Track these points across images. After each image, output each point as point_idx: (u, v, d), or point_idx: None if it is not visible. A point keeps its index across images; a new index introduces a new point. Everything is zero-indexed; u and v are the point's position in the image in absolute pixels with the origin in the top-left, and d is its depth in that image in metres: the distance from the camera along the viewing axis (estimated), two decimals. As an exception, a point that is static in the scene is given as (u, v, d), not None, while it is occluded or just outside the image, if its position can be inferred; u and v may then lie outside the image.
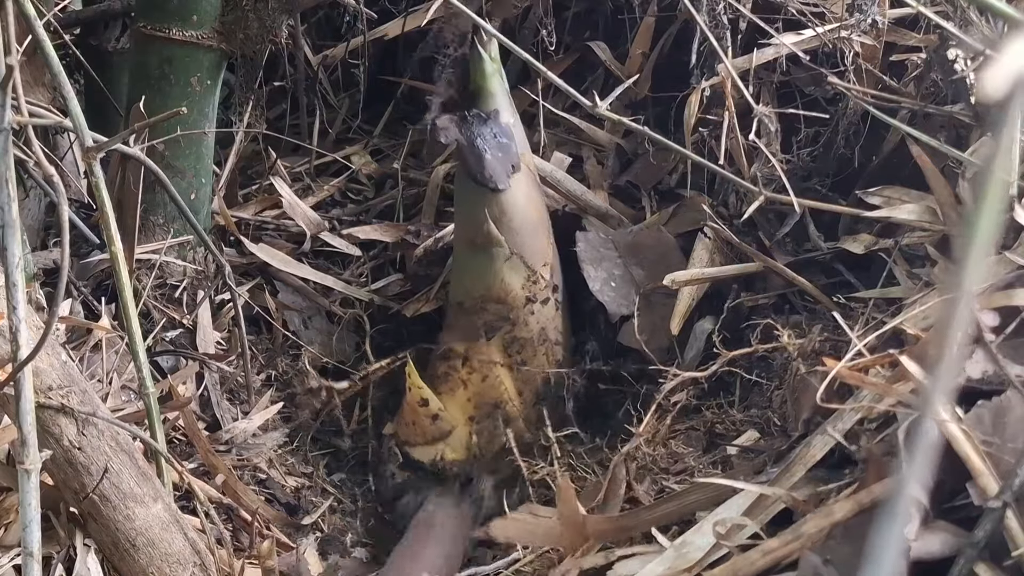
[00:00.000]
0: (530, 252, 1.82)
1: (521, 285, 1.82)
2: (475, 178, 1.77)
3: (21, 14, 1.21)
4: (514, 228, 1.80)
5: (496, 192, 1.76)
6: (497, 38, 1.73)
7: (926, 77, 1.78)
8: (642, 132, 1.81)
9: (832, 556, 1.16)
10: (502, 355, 1.84)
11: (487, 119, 1.77)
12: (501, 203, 1.78)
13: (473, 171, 1.76)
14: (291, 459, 1.87)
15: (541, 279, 1.83)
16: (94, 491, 1.29)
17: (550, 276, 1.86)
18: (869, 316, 1.59)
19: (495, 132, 1.76)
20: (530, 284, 1.83)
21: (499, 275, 1.81)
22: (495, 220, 1.78)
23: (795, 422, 1.48)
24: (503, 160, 1.76)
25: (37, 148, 1.19)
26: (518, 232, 1.80)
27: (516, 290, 1.82)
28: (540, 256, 1.84)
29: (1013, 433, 1.15)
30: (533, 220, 1.84)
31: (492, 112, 1.78)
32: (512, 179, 1.77)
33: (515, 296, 1.82)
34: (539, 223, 1.86)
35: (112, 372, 1.69)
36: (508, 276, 1.82)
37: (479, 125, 1.76)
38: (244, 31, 1.84)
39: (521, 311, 1.83)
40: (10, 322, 1.14)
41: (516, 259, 1.81)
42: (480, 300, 1.84)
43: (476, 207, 1.79)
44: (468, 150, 1.76)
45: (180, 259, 1.93)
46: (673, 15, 2.19)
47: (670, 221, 2.06)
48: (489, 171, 1.75)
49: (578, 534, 1.42)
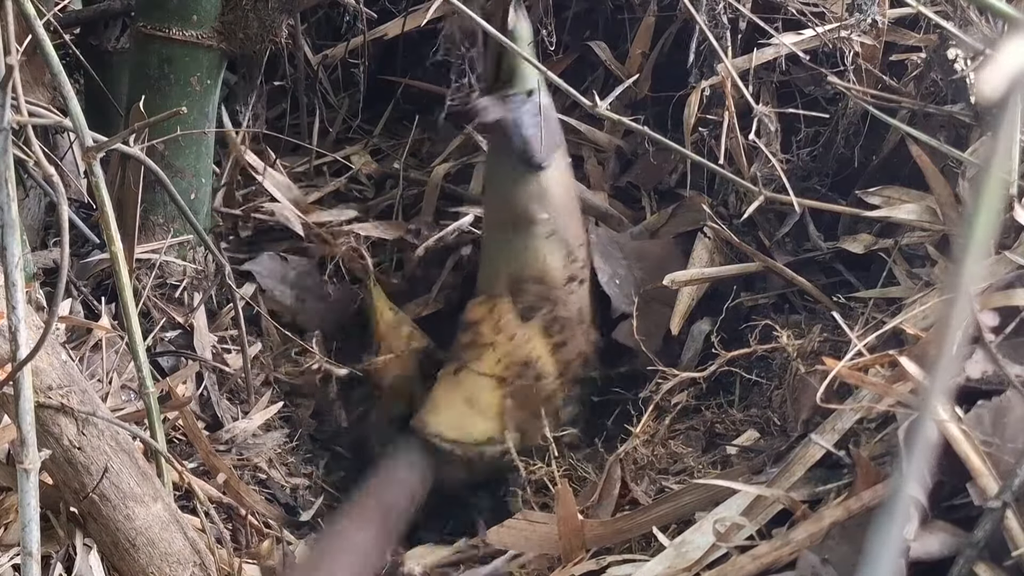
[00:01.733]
0: (570, 231, 1.81)
1: (562, 264, 1.81)
2: (521, 156, 1.75)
3: (21, 14, 1.21)
4: (555, 206, 1.79)
5: (539, 170, 1.75)
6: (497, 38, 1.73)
7: (926, 77, 1.78)
8: (642, 132, 1.81)
9: (830, 556, 1.16)
10: (542, 336, 1.81)
11: (527, 97, 1.75)
12: (543, 181, 1.77)
13: (519, 149, 1.75)
14: (291, 459, 1.87)
15: (580, 259, 1.82)
16: (94, 491, 1.29)
17: (586, 257, 1.85)
18: (869, 316, 1.59)
19: (536, 111, 1.75)
20: (570, 263, 1.81)
21: (540, 254, 1.79)
22: (537, 198, 1.77)
23: (795, 422, 1.48)
24: (546, 137, 1.75)
25: (37, 148, 1.19)
26: (559, 210, 1.79)
27: (558, 269, 1.80)
28: (577, 236, 1.83)
29: (1013, 433, 1.15)
30: (573, 202, 1.83)
31: (530, 91, 1.76)
32: (554, 157, 1.77)
33: (556, 276, 1.80)
34: (575, 202, 1.85)
35: (112, 372, 1.69)
36: (550, 255, 1.80)
37: (520, 104, 1.75)
38: (244, 31, 1.84)
39: (562, 291, 1.81)
40: (10, 322, 1.14)
41: (557, 238, 1.79)
42: (518, 281, 1.81)
43: (517, 186, 1.77)
44: (514, 129, 1.74)
45: (180, 259, 1.93)
46: (673, 15, 2.19)
47: (670, 221, 2.06)
48: (534, 148, 1.74)
49: (576, 539, 1.42)
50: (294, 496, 1.80)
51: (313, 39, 2.55)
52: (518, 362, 1.81)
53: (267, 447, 1.82)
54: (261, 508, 1.66)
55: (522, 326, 1.80)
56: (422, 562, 1.66)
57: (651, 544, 1.40)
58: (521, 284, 1.82)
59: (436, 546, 1.71)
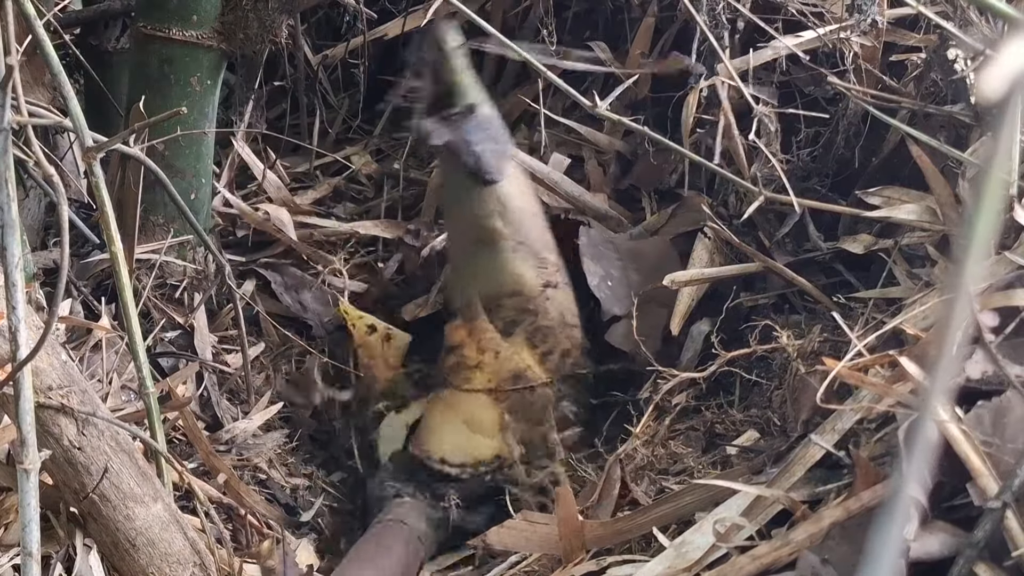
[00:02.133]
0: (533, 239, 1.81)
1: (535, 273, 1.81)
2: (475, 174, 1.74)
3: (21, 14, 1.21)
4: (516, 218, 1.79)
5: (494, 184, 1.74)
6: (497, 38, 1.73)
7: (926, 77, 1.78)
8: (642, 132, 1.81)
9: (830, 556, 1.16)
10: (528, 347, 1.81)
11: (469, 114, 1.74)
12: (500, 195, 1.76)
13: (472, 168, 1.74)
14: (291, 459, 1.87)
15: (551, 264, 1.82)
16: (94, 491, 1.29)
17: (555, 258, 1.85)
18: (869, 316, 1.59)
19: (481, 125, 1.74)
20: (541, 271, 1.81)
21: (511, 268, 1.79)
22: (498, 214, 1.76)
23: (795, 422, 1.48)
24: (496, 152, 1.74)
25: (37, 148, 1.19)
26: (520, 221, 1.79)
27: (531, 279, 1.80)
28: (542, 240, 1.83)
29: (1013, 433, 1.15)
30: (532, 209, 1.83)
31: (471, 106, 1.75)
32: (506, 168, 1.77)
33: (531, 286, 1.80)
34: (534, 209, 1.85)
35: (112, 372, 1.69)
36: (520, 267, 1.80)
37: (464, 121, 1.73)
38: (244, 31, 1.84)
39: (540, 299, 1.81)
40: (10, 322, 1.14)
41: (524, 248, 1.80)
42: (495, 298, 1.81)
43: (476, 204, 1.77)
44: (463, 148, 1.74)
45: (180, 259, 1.93)
46: (673, 15, 2.19)
47: (670, 221, 2.06)
48: (487, 165, 1.73)
49: (576, 540, 1.42)
50: (294, 496, 1.80)
51: (313, 39, 2.55)
52: (509, 376, 1.81)
53: (267, 447, 1.82)
54: (261, 508, 1.66)
55: (505, 341, 1.80)
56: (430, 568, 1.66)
57: (651, 544, 1.40)
58: (498, 300, 1.81)
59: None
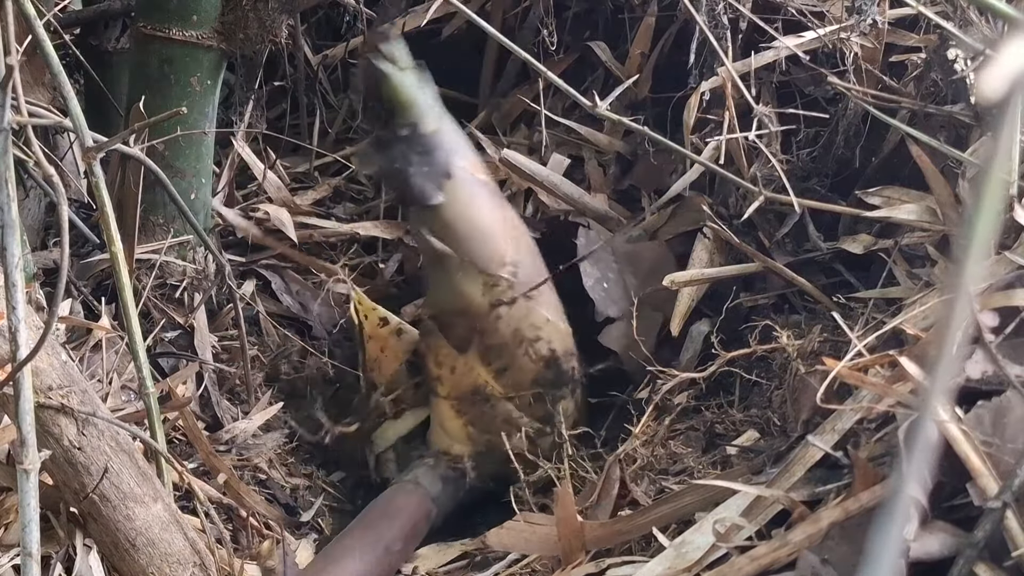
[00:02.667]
0: (482, 257, 1.74)
1: (481, 293, 1.75)
2: (405, 200, 1.75)
3: (21, 14, 1.21)
4: (460, 237, 1.72)
5: (432, 207, 1.69)
6: (497, 38, 1.73)
7: (926, 77, 1.78)
8: (642, 132, 1.81)
9: (830, 556, 1.16)
10: (482, 364, 1.79)
11: (406, 136, 1.67)
12: (440, 216, 1.70)
13: (402, 194, 1.71)
14: (291, 459, 1.87)
15: (502, 281, 1.75)
16: (94, 491, 1.29)
17: (512, 275, 1.77)
18: (869, 316, 1.59)
19: (417, 147, 1.67)
20: (490, 289, 1.75)
21: (457, 287, 1.75)
22: (439, 234, 1.71)
23: (795, 422, 1.48)
24: (429, 174, 1.67)
25: (37, 148, 1.19)
26: (465, 240, 1.72)
27: (476, 298, 1.75)
28: (496, 259, 1.75)
29: (1013, 433, 1.15)
30: (482, 224, 1.75)
31: (410, 126, 1.66)
32: (446, 189, 1.68)
33: (477, 304, 1.75)
34: (490, 225, 1.76)
35: (112, 372, 1.69)
36: (466, 286, 1.74)
37: (397, 145, 1.67)
38: (244, 31, 1.84)
39: (487, 318, 1.76)
40: (10, 322, 1.14)
41: (469, 267, 1.73)
42: (446, 315, 1.80)
43: (420, 225, 1.73)
44: (391, 175, 1.70)
45: (180, 259, 1.93)
46: (673, 15, 2.19)
47: (669, 221, 2.06)
48: (417, 189, 1.67)
49: (576, 541, 1.42)
50: (294, 496, 1.80)
51: (313, 39, 2.55)
52: (467, 391, 1.81)
53: (267, 447, 1.82)
54: (261, 508, 1.66)
55: (460, 358, 1.80)
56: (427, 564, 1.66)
57: (651, 544, 1.40)
58: (449, 317, 1.80)
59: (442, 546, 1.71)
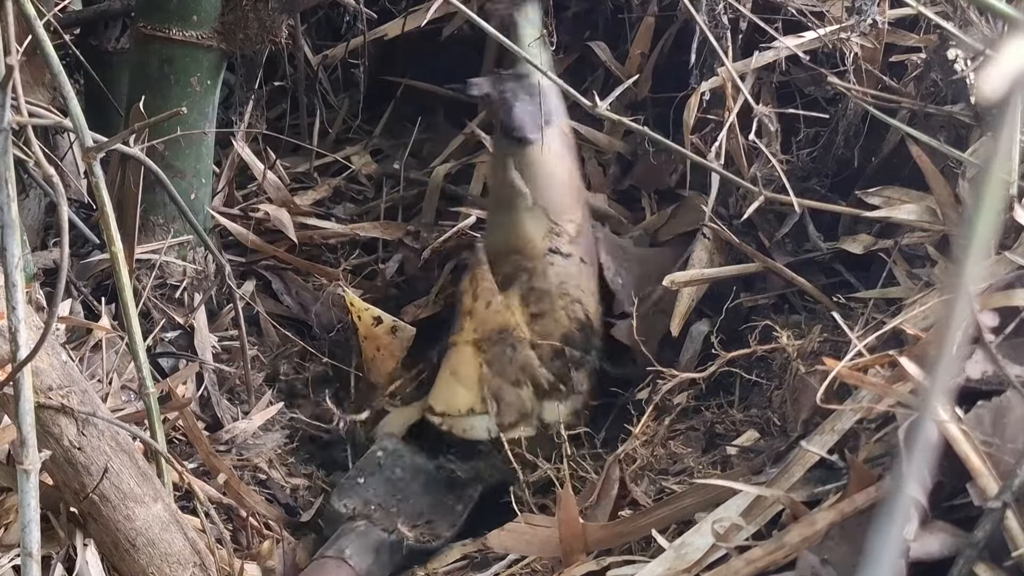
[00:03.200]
0: (554, 206, 1.85)
1: (542, 236, 1.84)
2: (507, 131, 1.82)
3: (21, 14, 1.21)
4: (539, 181, 1.83)
5: (525, 144, 1.81)
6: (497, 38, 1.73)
7: (926, 77, 1.78)
8: (642, 132, 1.81)
9: (830, 556, 1.16)
10: (520, 305, 1.84)
11: (520, 77, 1.82)
12: (528, 156, 1.82)
13: (505, 125, 1.82)
14: (291, 459, 1.87)
15: (565, 233, 1.85)
16: (94, 491, 1.29)
17: (575, 233, 1.86)
18: (869, 316, 1.59)
19: (527, 89, 1.81)
20: (552, 235, 1.84)
21: (520, 225, 1.84)
22: (521, 172, 1.82)
23: (795, 422, 1.48)
24: (532, 114, 1.81)
25: (37, 148, 1.19)
26: (544, 185, 1.84)
27: (536, 240, 1.84)
28: (566, 212, 1.86)
29: (1013, 433, 1.15)
30: (562, 177, 1.86)
31: (526, 74, 1.82)
32: (544, 134, 1.81)
33: (534, 246, 1.84)
34: (569, 183, 1.88)
35: (112, 372, 1.69)
36: (529, 226, 1.84)
37: (511, 81, 1.82)
38: (244, 31, 1.84)
39: (540, 261, 1.84)
40: (10, 322, 1.14)
41: (538, 210, 1.84)
42: (500, 252, 1.86)
43: (503, 159, 1.85)
44: (498, 102, 1.82)
45: (180, 259, 1.93)
46: (673, 15, 2.19)
47: (669, 221, 2.06)
48: (518, 122, 1.80)
49: (576, 542, 1.41)
50: (294, 496, 1.80)
51: (313, 39, 2.55)
52: (494, 329, 1.83)
53: (267, 447, 1.82)
54: (261, 508, 1.66)
55: (499, 294, 1.84)
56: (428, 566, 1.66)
57: (651, 545, 1.39)
58: (501, 254, 1.86)
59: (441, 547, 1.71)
